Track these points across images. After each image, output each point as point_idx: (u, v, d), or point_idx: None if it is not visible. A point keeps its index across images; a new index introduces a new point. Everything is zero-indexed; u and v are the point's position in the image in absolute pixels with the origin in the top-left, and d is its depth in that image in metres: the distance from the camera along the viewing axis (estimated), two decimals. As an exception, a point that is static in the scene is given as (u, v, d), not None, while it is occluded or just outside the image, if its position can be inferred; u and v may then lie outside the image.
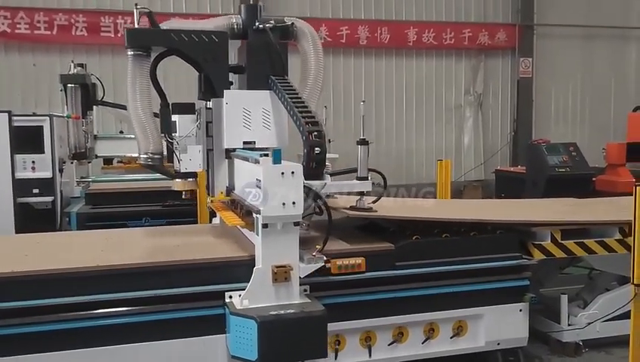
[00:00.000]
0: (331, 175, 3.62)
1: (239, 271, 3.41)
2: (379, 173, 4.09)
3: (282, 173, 3.16)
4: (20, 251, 3.75)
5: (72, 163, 7.24)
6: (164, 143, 3.95)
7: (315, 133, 3.38)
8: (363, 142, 3.87)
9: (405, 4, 14.13)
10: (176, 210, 6.12)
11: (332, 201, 4.10)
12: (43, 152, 6.45)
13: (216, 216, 4.53)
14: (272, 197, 3.16)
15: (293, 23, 4.11)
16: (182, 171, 4.03)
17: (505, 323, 4.12)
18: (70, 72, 7.34)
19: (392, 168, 14.32)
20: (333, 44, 13.65)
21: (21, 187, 6.01)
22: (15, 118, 6.03)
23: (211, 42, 3.82)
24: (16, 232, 5.62)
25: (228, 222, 3.67)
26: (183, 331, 3.36)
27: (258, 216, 3.24)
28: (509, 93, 15.05)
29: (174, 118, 4.07)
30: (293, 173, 3.18)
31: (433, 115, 14.54)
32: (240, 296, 3.34)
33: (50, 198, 6.45)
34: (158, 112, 4.06)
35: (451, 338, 4.05)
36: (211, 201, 4.14)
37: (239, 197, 3.74)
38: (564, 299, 4.73)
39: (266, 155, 3.40)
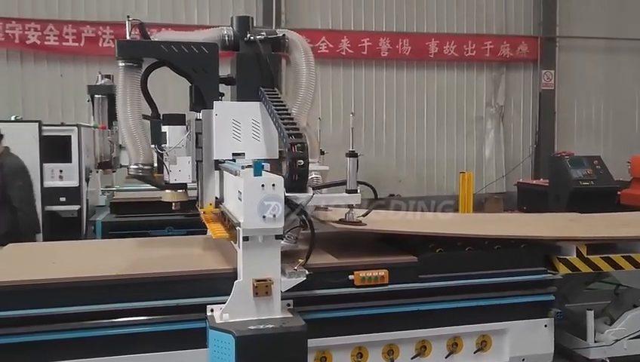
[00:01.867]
0: (315, 188, 3.52)
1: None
2: (369, 185, 4.02)
3: (262, 186, 3.12)
4: (49, 258, 3.82)
5: (97, 172, 7.34)
6: (155, 154, 3.95)
7: (298, 145, 3.32)
8: (352, 155, 3.78)
9: (427, 17, 14.17)
10: (199, 219, 6.16)
11: (323, 214, 4.08)
12: (70, 161, 6.59)
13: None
14: (252, 209, 3.12)
15: (284, 35, 4.08)
16: (171, 182, 4.01)
17: (530, 339, 4.08)
18: (98, 83, 7.46)
19: (413, 180, 14.31)
20: (354, 55, 13.73)
21: (49, 195, 6.12)
22: (44, 127, 6.15)
23: (201, 54, 3.83)
24: (44, 240, 5.71)
25: (213, 235, 3.62)
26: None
27: (239, 228, 3.21)
28: (531, 105, 14.96)
29: (164, 128, 4.03)
30: (273, 185, 3.14)
31: (454, 126, 14.50)
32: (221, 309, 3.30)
33: (76, 207, 6.57)
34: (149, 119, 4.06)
35: (475, 352, 4.01)
36: (203, 213, 4.08)
37: (225, 209, 3.72)
38: (590, 314, 4.65)
39: (250, 167, 3.34)
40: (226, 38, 4.05)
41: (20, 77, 12.42)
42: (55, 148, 6.39)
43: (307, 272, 3.37)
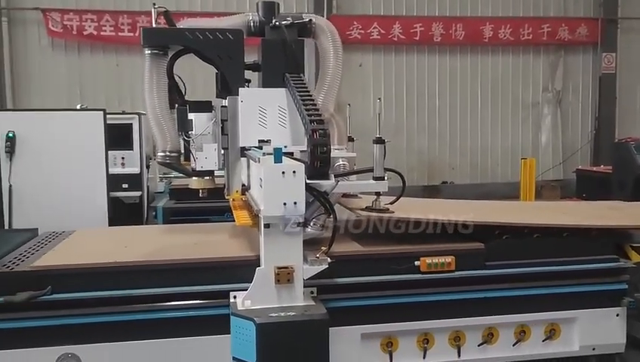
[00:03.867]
0: (337, 175, 3.44)
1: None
2: (397, 172, 3.90)
3: (283, 173, 3.07)
4: (120, 243, 3.93)
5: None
6: (182, 142, 3.95)
7: (320, 131, 3.24)
8: (379, 141, 3.64)
9: (481, 0, 13.85)
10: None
11: (352, 201, 4.01)
12: (132, 149, 6.74)
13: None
14: (273, 196, 3.08)
15: (311, 20, 4.00)
16: (198, 169, 4.02)
17: (601, 328, 3.95)
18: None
19: (466, 167, 14.09)
20: (406, 41, 13.56)
21: (112, 182, 6.27)
22: (107, 115, 6.30)
23: (226, 40, 3.78)
24: (109, 225, 5.87)
25: (237, 222, 3.61)
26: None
27: (260, 215, 3.18)
28: (590, 89, 14.48)
29: (191, 116, 4.02)
30: (294, 172, 3.09)
31: (509, 112, 14.18)
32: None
33: (138, 193, 6.73)
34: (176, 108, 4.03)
35: (543, 341, 3.92)
36: (232, 200, 4.06)
37: (250, 196, 3.70)
38: (663, 305, 4.49)
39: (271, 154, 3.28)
40: (252, 24, 4.01)
41: (77, 67, 12.79)
42: (117, 136, 6.54)
43: (329, 260, 3.32)
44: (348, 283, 3.56)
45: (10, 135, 5.74)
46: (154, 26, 3.89)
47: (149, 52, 3.73)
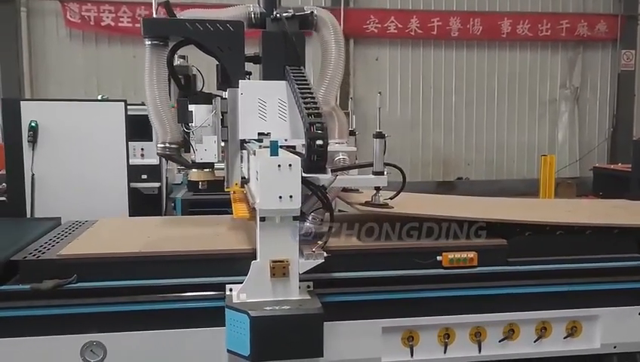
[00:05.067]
0: (335, 170, 3.39)
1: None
2: (397, 167, 3.87)
3: (279, 166, 3.04)
4: (143, 233, 3.96)
5: (173, 150, 7.52)
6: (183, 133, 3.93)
7: (317, 125, 3.17)
8: (379, 136, 3.62)
9: (500, -5, 13.78)
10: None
11: (352, 196, 4.00)
12: (151, 140, 6.77)
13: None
14: (268, 189, 3.05)
15: (312, 12, 3.92)
16: (197, 161, 4.01)
17: (623, 326, 3.93)
18: (174, 64, 7.62)
19: (482, 163, 14.03)
20: (423, 36, 13.51)
21: (131, 173, 6.31)
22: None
23: (226, 31, 3.71)
24: (129, 215, 5.92)
25: (235, 215, 3.60)
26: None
27: (256, 209, 3.17)
28: (609, 87, 14.36)
29: (191, 107, 3.99)
30: (290, 165, 3.05)
31: (526, 109, 14.10)
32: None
33: (157, 184, 6.78)
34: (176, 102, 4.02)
35: (565, 338, 3.90)
36: (233, 192, 4.03)
37: (248, 189, 3.68)
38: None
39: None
40: (252, 16, 3.94)
41: (95, 58, 12.87)
42: (136, 127, 6.56)
43: (325, 254, 3.29)
44: (364, 276, 3.57)
45: (33, 125, 5.79)
46: (154, 16, 3.84)
47: (150, 43, 3.69)
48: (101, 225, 4.33)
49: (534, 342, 3.86)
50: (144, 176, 6.72)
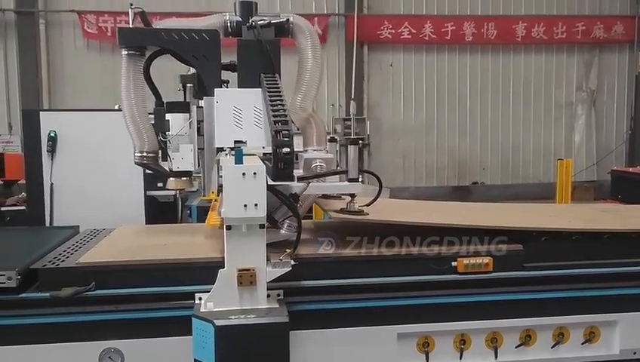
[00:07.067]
0: (302, 178, 3.33)
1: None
2: (373, 174, 3.84)
3: (243, 174, 3.01)
4: (160, 240, 4.00)
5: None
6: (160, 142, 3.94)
7: (284, 132, 3.18)
8: (353, 142, 3.63)
9: (514, -2, 13.73)
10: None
11: (329, 203, 3.96)
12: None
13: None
14: (233, 198, 3.03)
15: (288, 19, 3.91)
16: (174, 170, 3.99)
17: (642, 332, 3.90)
18: (189, 73, 7.69)
19: (498, 167, 13.95)
20: (437, 40, 13.49)
21: (148, 181, 6.38)
22: (144, 115, 6.41)
23: (202, 40, 3.71)
24: (146, 223, 5.98)
25: (207, 223, 3.58)
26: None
27: (221, 217, 3.15)
28: (626, 89, 14.21)
29: (168, 116, 4.00)
30: (255, 173, 3.03)
31: (542, 112, 14.01)
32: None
33: (173, 192, 6.80)
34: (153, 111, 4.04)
35: (582, 344, 3.87)
36: (215, 200, 4.03)
37: (220, 197, 3.62)
38: None
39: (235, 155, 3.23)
40: (229, 24, 3.93)
41: (111, 68, 13.01)
42: (153, 135, 6.64)
43: (293, 262, 3.25)
44: (381, 283, 3.56)
45: (52, 134, 5.88)
46: (130, 26, 3.83)
47: (126, 52, 3.72)
48: (119, 233, 4.38)
49: (551, 347, 3.82)
50: (160, 184, 6.77)
